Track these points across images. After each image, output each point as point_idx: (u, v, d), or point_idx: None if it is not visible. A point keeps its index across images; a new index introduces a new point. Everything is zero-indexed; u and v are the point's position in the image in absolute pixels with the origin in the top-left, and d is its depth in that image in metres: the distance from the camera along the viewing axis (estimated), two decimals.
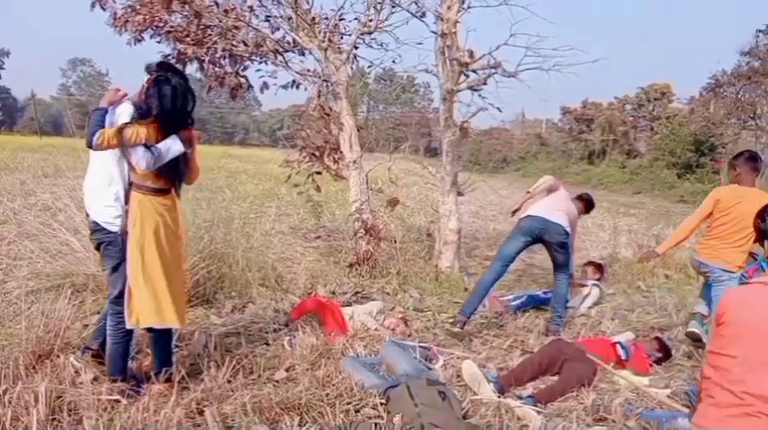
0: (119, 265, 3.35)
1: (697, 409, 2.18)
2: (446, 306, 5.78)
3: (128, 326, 3.35)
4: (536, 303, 5.95)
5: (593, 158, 35.81)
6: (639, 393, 4.20)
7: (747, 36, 36.92)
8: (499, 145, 44.80)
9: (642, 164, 30.77)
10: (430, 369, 4.19)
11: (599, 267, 6.71)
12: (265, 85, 6.77)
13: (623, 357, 4.58)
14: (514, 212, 5.52)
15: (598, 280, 6.50)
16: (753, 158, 4.78)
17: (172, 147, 3.29)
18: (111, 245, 3.36)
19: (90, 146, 3.15)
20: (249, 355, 4.06)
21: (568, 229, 5.24)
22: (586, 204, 5.97)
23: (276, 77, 6.75)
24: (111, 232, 3.34)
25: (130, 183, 3.34)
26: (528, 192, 5.60)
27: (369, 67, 7.38)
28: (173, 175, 3.41)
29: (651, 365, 4.64)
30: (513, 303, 5.92)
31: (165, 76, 3.30)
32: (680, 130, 27.62)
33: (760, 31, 25.88)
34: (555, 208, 5.30)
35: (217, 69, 7.15)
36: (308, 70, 6.80)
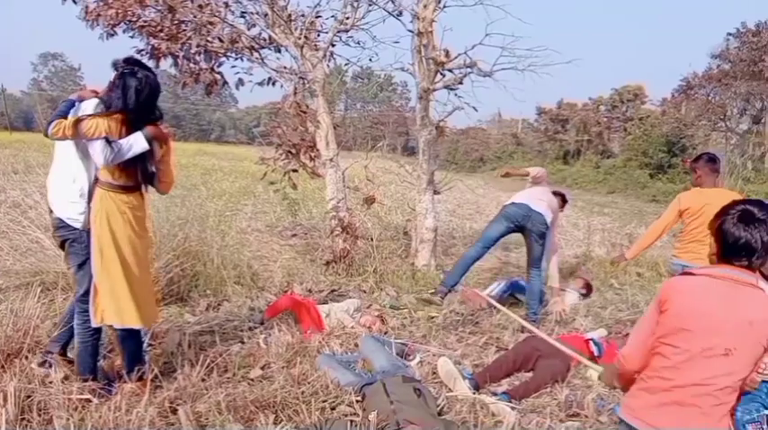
0: (84, 263, 3.28)
1: (629, 390, 2.17)
2: (423, 304, 5.79)
3: (92, 325, 3.29)
4: (516, 290, 6.05)
5: (567, 158, 36.27)
6: (611, 389, 4.28)
7: (718, 39, 37.69)
8: (476, 144, 45.10)
9: (616, 164, 31.23)
10: (407, 365, 4.21)
11: (588, 285, 6.63)
12: (241, 82, 6.72)
13: (596, 353, 4.64)
14: (504, 175, 5.69)
15: (584, 295, 6.47)
16: (712, 160, 4.89)
17: (134, 144, 3.21)
18: (75, 242, 3.29)
19: (46, 134, 3.09)
20: (224, 354, 4.03)
21: (549, 221, 5.32)
22: (562, 199, 6.06)
23: (252, 74, 6.72)
24: (75, 229, 3.27)
25: (96, 180, 3.28)
26: (526, 171, 5.68)
27: (346, 65, 7.38)
28: (137, 173, 3.32)
29: None
30: (495, 291, 5.99)
31: (131, 69, 3.24)
32: (652, 131, 28.10)
33: (730, 34, 26.50)
34: (539, 198, 5.39)
35: (191, 65, 7.07)
36: (285, 67, 6.76)
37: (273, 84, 6.79)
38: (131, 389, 3.35)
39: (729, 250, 1.95)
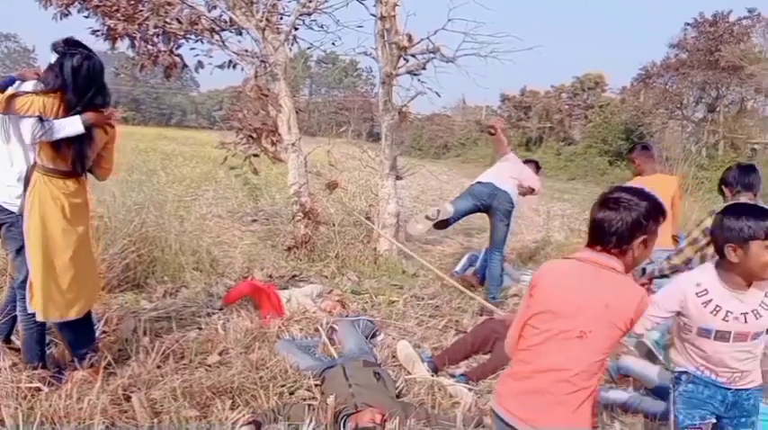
0: (21, 248, 3.17)
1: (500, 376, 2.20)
2: (384, 288, 5.82)
3: (28, 311, 3.20)
4: (474, 261, 6.21)
5: (530, 145, 36.72)
6: None
7: (676, 29, 38.57)
8: (440, 131, 45.27)
9: (576, 151, 31.77)
10: (371, 349, 4.23)
11: None
12: (200, 65, 6.57)
13: None
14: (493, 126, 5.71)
15: None
16: (645, 148, 5.19)
17: (68, 125, 3.11)
18: (12, 226, 3.18)
19: None
20: (180, 340, 3.98)
21: (515, 200, 5.39)
22: (536, 165, 6.12)
23: (212, 56, 6.56)
24: (12, 213, 3.17)
25: (34, 164, 3.18)
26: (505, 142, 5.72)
27: (308, 48, 7.28)
28: (72, 157, 3.21)
29: None
30: (458, 268, 6.14)
31: (70, 50, 3.15)
32: (612, 119, 28.69)
33: (688, 24, 27.11)
34: (507, 175, 5.43)
35: (149, 47, 6.87)
36: (246, 50, 6.63)
37: (234, 67, 6.67)
38: (83, 377, 3.27)
39: (591, 233, 1.97)
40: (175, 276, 5.45)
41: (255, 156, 6.52)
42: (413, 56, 5.99)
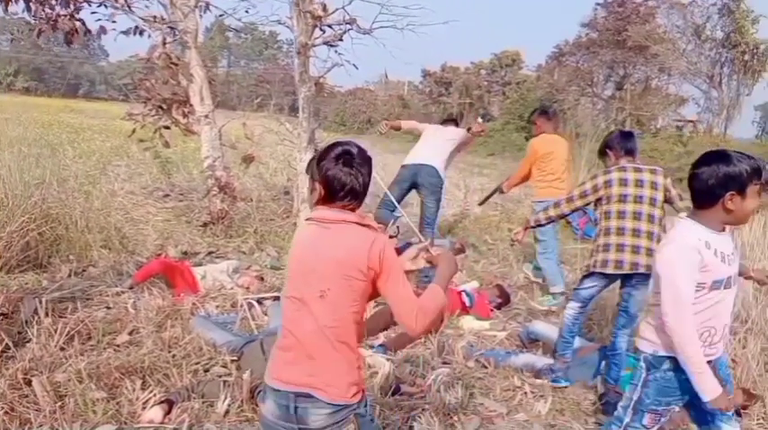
0: None
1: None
2: None
3: None
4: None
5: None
6: (480, 336, 4.54)
7: (588, 9, 39.97)
8: (363, 105, 45.07)
9: (495, 127, 32.54)
10: None
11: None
12: (103, 30, 6.15)
13: (468, 304, 4.90)
14: (385, 124, 5.99)
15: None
16: (544, 112, 5.77)
17: None
18: None
19: None
20: (86, 320, 3.80)
21: (441, 171, 5.44)
22: (455, 123, 6.19)
23: (115, 22, 6.16)
24: None
25: None
26: (399, 123, 5.94)
27: (220, 16, 6.98)
28: None
29: (492, 310, 5.01)
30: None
31: None
32: (528, 96, 29.51)
33: (598, 4, 28.14)
34: (428, 151, 5.52)
35: (47, 11, 6.37)
36: (154, 17, 6.28)
37: (141, 34, 6.29)
38: None
39: (325, 191, 1.91)
40: (82, 255, 5.18)
41: (166, 128, 6.23)
42: (329, 26, 5.89)
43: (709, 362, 2.24)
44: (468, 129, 5.74)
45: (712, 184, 2.15)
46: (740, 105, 28.43)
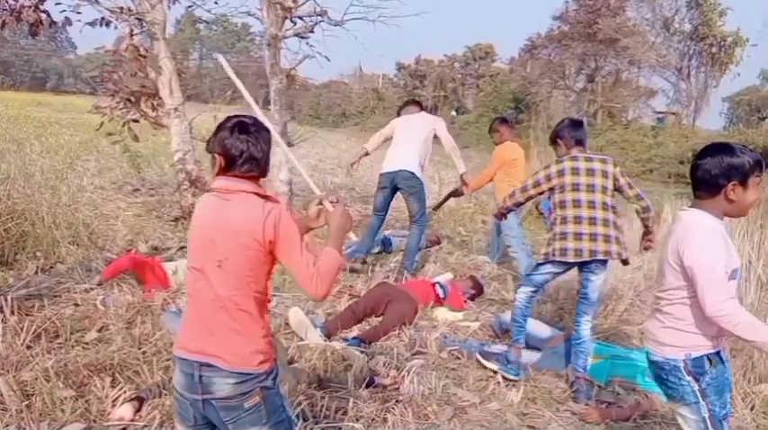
0: None
1: None
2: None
3: None
4: (387, 246, 6.24)
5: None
6: (454, 327, 4.57)
7: (559, 2, 40.26)
8: (338, 98, 44.90)
9: (469, 119, 32.72)
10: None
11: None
12: (68, 21, 6.00)
13: (441, 296, 4.91)
14: (353, 165, 5.96)
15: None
16: (504, 120, 6.25)
17: None
18: None
19: None
20: (53, 318, 3.72)
21: (417, 172, 5.47)
22: (418, 106, 6.21)
23: (80, 13, 6.00)
24: None
25: None
26: (365, 150, 5.85)
27: (189, 7, 6.86)
28: None
29: (466, 301, 5.03)
30: (347, 251, 6.06)
31: None
32: (501, 88, 29.75)
33: None
34: (402, 155, 5.51)
35: (10, 2, 6.20)
36: (120, 7, 6.15)
37: (107, 25, 6.16)
38: None
39: (224, 162, 1.94)
40: (49, 251, 5.07)
41: (135, 121, 6.11)
42: (300, 18, 5.83)
43: (717, 353, 2.20)
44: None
45: (716, 174, 2.16)
46: (708, 97, 29.01)
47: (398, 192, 5.63)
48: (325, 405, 3.12)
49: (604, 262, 3.54)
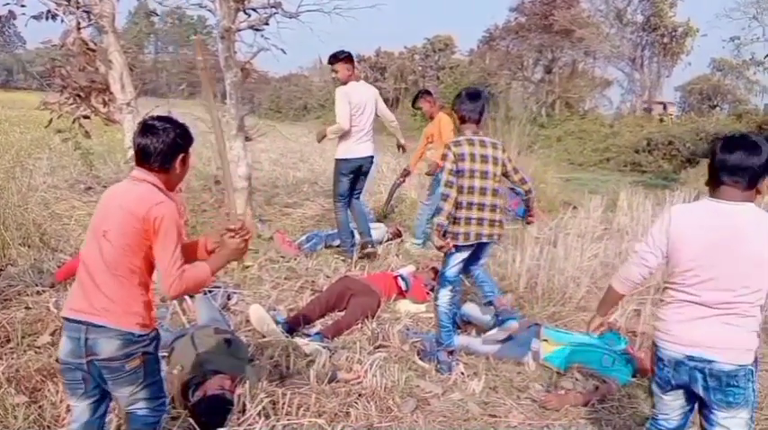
0: None
1: None
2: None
3: None
4: (329, 240, 6.16)
5: (387, 106, 37.30)
6: (417, 319, 4.59)
7: None
8: (299, 92, 44.47)
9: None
10: (225, 317, 4.11)
11: (398, 232, 6.86)
12: (12, 15, 5.78)
13: (404, 288, 4.93)
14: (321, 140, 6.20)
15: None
16: (428, 92, 6.85)
17: None
18: None
19: None
20: (4, 322, 3.60)
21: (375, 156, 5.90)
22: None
23: (24, 6, 5.78)
24: None
25: None
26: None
27: None
28: None
29: (428, 293, 5.05)
30: (307, 245, 6.02)
31: None
32: (462, 80, 29.88)
33: None
34: (366, 143, 5.78)
35: None
36: (67, 0, 5.94)
37: (54, 18, 5.95)
38: None
39: (137, 156, 2.28)
40: None
41: (86, 117, 5.93)
42: (254, 10, 5.73)
43: None
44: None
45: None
46: (661, 87, 29.79)
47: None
48: (287, 401, 3.10)
49: (488, 244, 3.86)
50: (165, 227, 2.12)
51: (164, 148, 2.20)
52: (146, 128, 2.22)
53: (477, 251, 3.85)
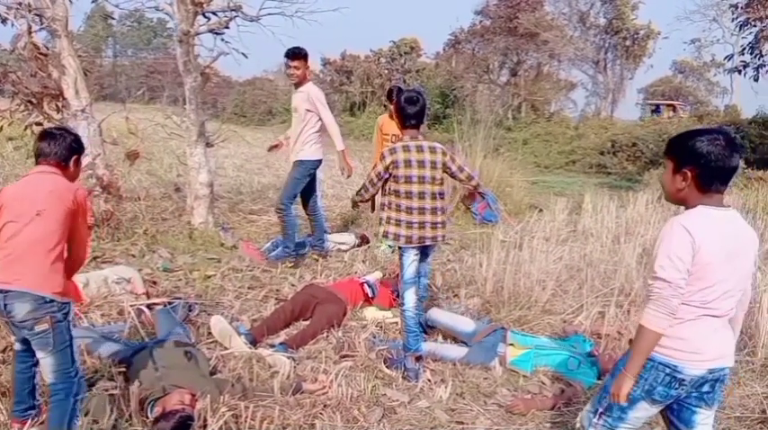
0: None
1: None
2: (200, 263, 5.53)
3: None
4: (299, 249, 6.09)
5: (354, 110, 37.20)
6: (384, 326, 4.53)
7: None
8: (263, 95, 44.06)
9: None
10: (185, 329, 3.99)
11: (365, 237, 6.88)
12: None
13: (370, 295, 4.87)
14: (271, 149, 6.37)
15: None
16: (392, 92, 6.47)
17: None
18: None
19: None
20: None
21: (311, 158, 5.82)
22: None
23: None
24: None
25: None
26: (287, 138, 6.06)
27: (94, 1, 6.46)
28: None
29: (395, 299, 5.00)
30: (273, 253, 5.92)
31: None
32: (428, 83, 29.96)
33: None
34: (300, 145, 5.77)
35: None
36: (19, 3, 5.72)
37: (4, 22, 5.73)
38: None
39: (36, 155, 2.79)
40: None
41: (38, 124, 5.70)
42: (213, 13, 5.61)
43: None
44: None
45: None
46: (624, 89, 30.43)
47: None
48: (250, 414, 3.02)
49: (432, 246, 3.92)
50: (83, 206, 2.73)
51: (63, 150, 2.74)
52: (47, 134, 2.82)
53: (426, 250, 3.91)
